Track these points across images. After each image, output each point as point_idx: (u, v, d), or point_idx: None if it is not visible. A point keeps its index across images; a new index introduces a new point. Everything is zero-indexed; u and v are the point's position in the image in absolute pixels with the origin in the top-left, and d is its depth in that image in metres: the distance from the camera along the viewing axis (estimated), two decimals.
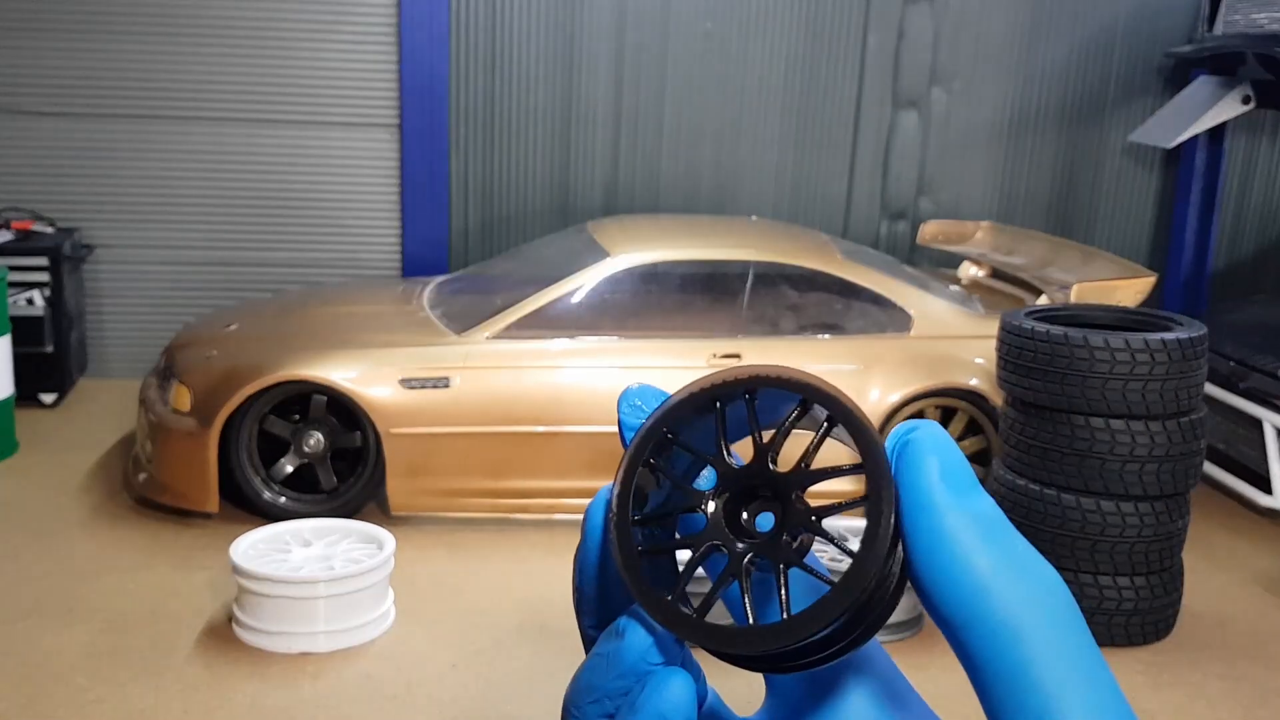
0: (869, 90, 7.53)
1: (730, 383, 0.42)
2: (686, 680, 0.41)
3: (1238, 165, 7.92)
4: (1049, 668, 0.38)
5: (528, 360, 5.15)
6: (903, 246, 7.66)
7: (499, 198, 7.36)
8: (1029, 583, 0.39)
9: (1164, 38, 7.66)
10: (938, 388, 5.28)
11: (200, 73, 6.97)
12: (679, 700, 0.41)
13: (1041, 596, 0.39)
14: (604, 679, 0.43)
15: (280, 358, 5.07)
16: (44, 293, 6.48)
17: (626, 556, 0.42)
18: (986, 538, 0.39)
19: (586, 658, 0.44)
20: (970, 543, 0.39)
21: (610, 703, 0.43)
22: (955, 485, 0.40)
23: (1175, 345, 4.22)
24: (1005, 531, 0.40)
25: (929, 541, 0.40)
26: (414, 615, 4.40)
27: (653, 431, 0.43)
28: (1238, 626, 4.65)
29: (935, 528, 0.39)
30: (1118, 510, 4.29)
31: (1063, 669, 0.38)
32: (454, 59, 7.13)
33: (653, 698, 0.41)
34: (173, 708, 3.76)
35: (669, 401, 0.44)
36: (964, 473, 0.41)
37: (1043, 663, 0.38)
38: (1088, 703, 0.38)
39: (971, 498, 0.40)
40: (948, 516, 0.39)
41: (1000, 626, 0.38)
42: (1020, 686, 0.38)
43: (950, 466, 0.40)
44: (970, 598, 0.39)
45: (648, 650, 0.42)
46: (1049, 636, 0.38)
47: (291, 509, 5.08)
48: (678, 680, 0.41)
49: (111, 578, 4.61)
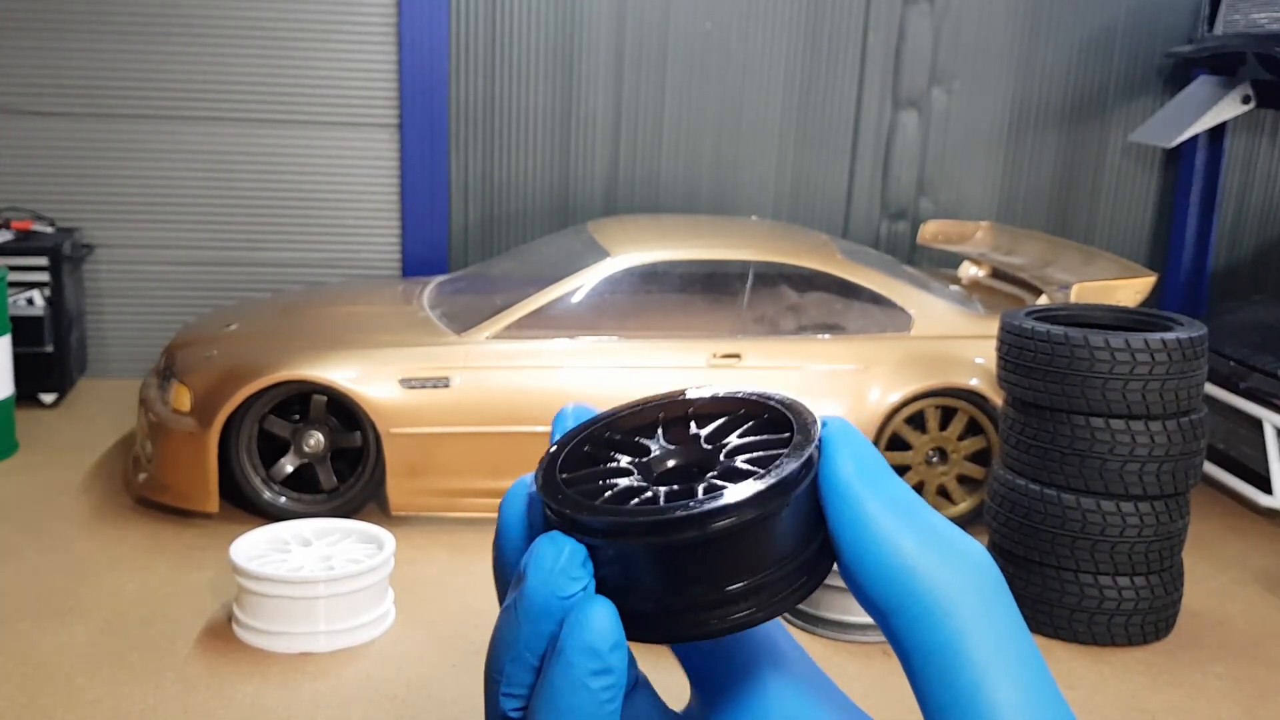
0: (869, 90, 7.53)
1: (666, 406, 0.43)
2: (608, 606, 0.39)
3: (1238, 165, 7.92)
4: (978, 644, 0.38)
5: (528, 360, 5.15)
6: (903, 246, 7.66)
7: (499, 197, 7.36)
8: (955, 560, 0.39)
9: (1164, 37, 7.67)
10: (938, 387, 5.28)
11: (200, 73, 6.97)
12: (604, 627, 0.38)
13: (968, 573, 0.39)
14: (517, 630, 0.40)
15: (280, 358, 5.07)
16: (44, 293, 6.48)
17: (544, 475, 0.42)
18: (908, 520, 0.40)
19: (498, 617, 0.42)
20: (893, 526, 0.39)
21: (531, 655, 0.40)
22: (870, 473, 0.40)
23: (1175, 345, 4.22)
24: (926, 512, 0.40)
25: (853, 530, 0.40)
26: (414, 615, 4.40)
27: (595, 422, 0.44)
28: (1238, 626, 4.65)
29: (857, 515, 0.40)
30: (1118, 510, 4.29)
31: (991, 644, 0.38)
32: (454, 59, 7.13)
33: (575, 632, 0.38)
34: (173, 708, 3.76)
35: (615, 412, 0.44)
36: (877, 461, 0.41)
37: (972, 639, 0.38)
38: (1018, 679, 0.38)
39: (887, 484, 0.40)
40: (868, 503, 0.40)
41: (930, 606, 0.38)
42: (950, 664, 0.38)
43: (862, 456, 0.41)
44: (898, 580, 0.39)
45: (554, 580, 0.39)
46: (977, 613, 0.38)
47: (291, 509, 5.08)
48: (598, 606, 0.38)
49: (111, 578, 4.62)
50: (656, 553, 0.39)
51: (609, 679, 0.38)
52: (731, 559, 0.39)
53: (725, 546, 0.39)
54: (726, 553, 0.39)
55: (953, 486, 5.41)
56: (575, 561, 0.40)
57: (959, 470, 5.39)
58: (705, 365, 5.23)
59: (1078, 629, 4.40)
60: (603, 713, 0.38)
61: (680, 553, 0.39)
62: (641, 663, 0.46)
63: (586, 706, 0.38)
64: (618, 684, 0.38)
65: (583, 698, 0.38)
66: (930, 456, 5.38)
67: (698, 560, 0.39)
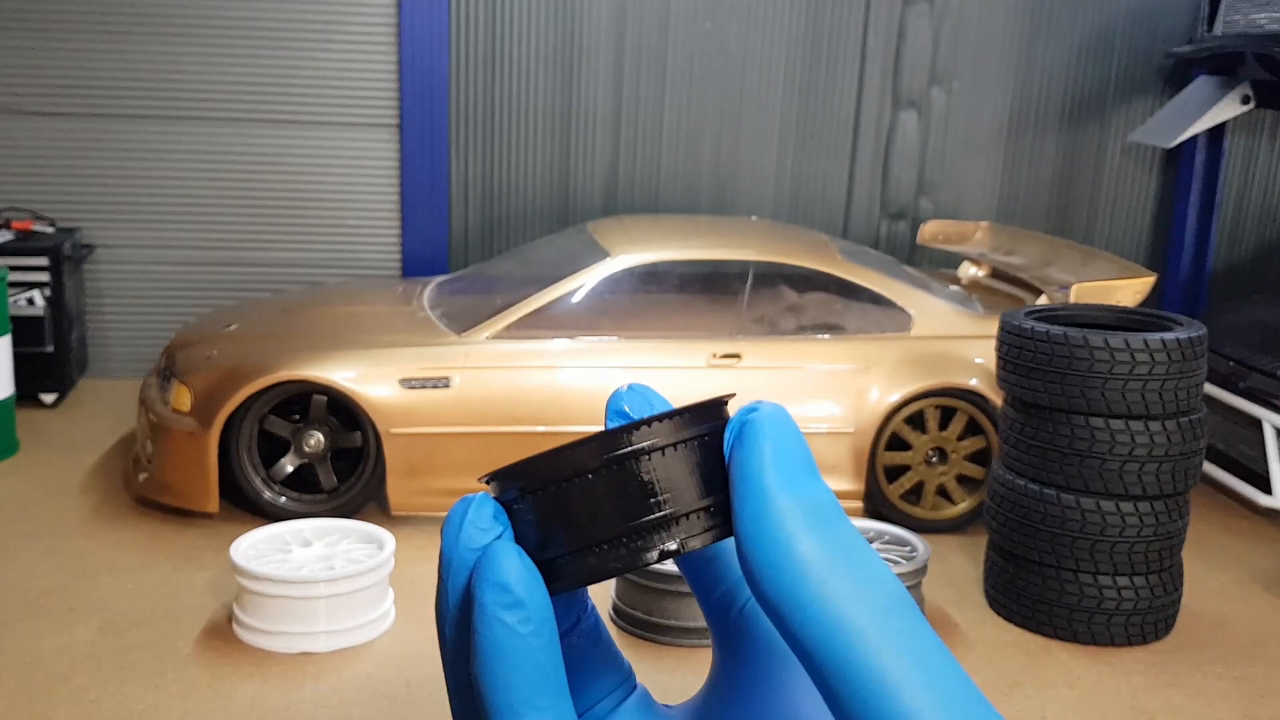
0: (869, 90, 7.53)
1: None
2: (512, 545, 0.39)
3: (1237, 165, 7.92)
4: (874, 654, 0.36)
5: (528, 360, 5.16)
6: (903, 247, 7.67)
7: (499, 198, 7.36)
8: (851, 570, 0.38)
9: (1164, 38, 7.67)
10: (937, 387, 5.29)
11: (201, 73, 6.97)
12: (509, 563, 0.38)
13: (864, 586, 0.37)
14: (442, 592, 0.40)
15: (280, 358, 5.07)
16: (44, 293, 6.49)
17: None
18: (812, 524, 0.38)
19: None
20: (794, 528, 0.38)
21: (457, 611, 0.40)
22: (788, 470, 0.39)
23: (1175, 345, 4.22)
24: (835, 520, 0.39)
25: (753, 524, 0.38)
26: (414, 615, 4.41)
27: None
28: (1237, 626, 4.66)
29: (761, 511, 0.38)
30: (1117, 510, 4.30)
31: (890, 654, 0.36)
32: (454, 59, 7.14)
33: (482, 573, 0.38)
34: (173, 707, 3.76)
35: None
36: (801, 457, 0.40)
37: (867, 649, 0.36)
38: (924, 684, 0.36)
39: (804, 484, 0.39)
40: (775, 500, 0.38)
41: (818, 613, 0.37)
42: (848, 675, 0.36)
43: (785, 450, 0.39)
44: (789, 582, 0.37)
45: (466, 534, 0.40)
46: (873, 625, 0.37)
47: (292, 509, 5.09)
48: (502, 546, 0.39)
49: (112, 577, 4.62)
50: (562, 490, 0.40)
51: (522, 612, 0.38)
52: (625, 493, 0.40)
53: (614, 478, 0.40)
54: (622, 486, 0.40)
55: (952, 486, 5.41)
56: (484, 513, 0.40)
57: (959, 470, 5.40)
58: (705, 365, 5.23)
59: (1077, 629, 4.41)
60: (527, 648, 0.38)
61: (580, 487, 0.40)
62: (642, 665, 0.46)
63: (507, 643, 0.38)
64: (535, 618, 0.38)
65: (499, 633, 0.38)
66: (930, 456, 5.39)
67: (597, 494, 0.40)
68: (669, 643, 4.20)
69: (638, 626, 4.28)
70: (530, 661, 0.38)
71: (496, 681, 0.38)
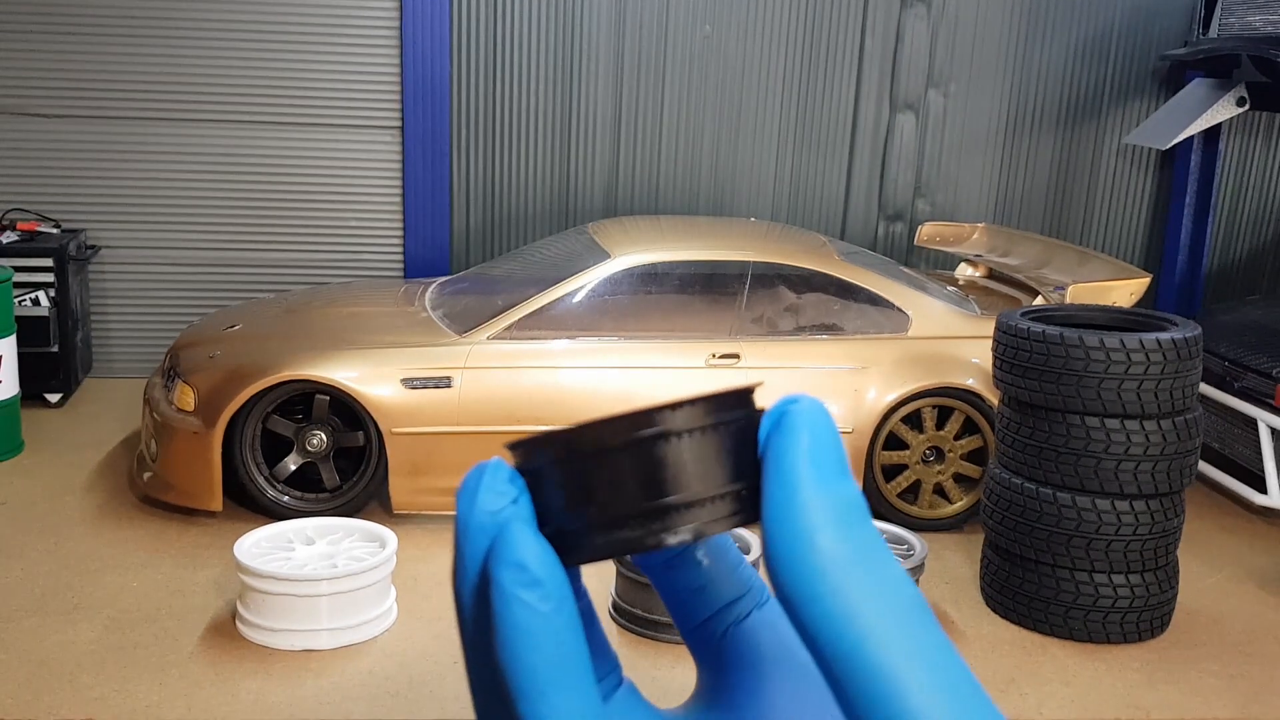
0: (866, 93, 7.57)
1: None
2: (528, 523, 0.39)
3: (1232, 167, 7.96)
4: (886, 652, 0.36)
5: (528, 360, 5.19)
6: (900, 248, 7.71)
7: (500, 199, 7.40)
8: (871, 570, 0.38)
9: (1159, 40, 7.71)
10: (934, 387, 5.33)
11: (204, 75, 7.01)
12: (525, 541, 0.38)
13: (882, 586, 0.38)
14: (459, 557, 0.40)
15: (283, 358, 5.11)
16: (49, 293, 6.52)
17: None
18: (838, 521, 0.38)
19: None
20: (820, 522, 0.38)
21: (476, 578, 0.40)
22: (823, 464, 0.39)
23: (1170, 345, 4.26)
24: (861, 520, 0.39)
25: (780, 513, 0.39)
26: (416, 613, 4.44)
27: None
28: (1233, 624, 4.69)
29: (789, 501, 0.39)
30: (1113, 509, 4.33)
31: (901, 654, 0.36)
32: (455, 62, 7.18)
33: (498, 552, 0.38)
34: (177, 705, 3.80)
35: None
36: (836, 455, 0.40)
37: (879, 647, 0.37)
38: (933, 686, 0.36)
39: (836, 480, 0.39)
40: (803, 491, 0.39)
41: (834, 607, 0.37)
42: (858, 670, 0.37)
43: (822, 445, 0.39)
44: (809, 574, 0.38)
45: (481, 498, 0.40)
46: (887, 624, 0.37)
47: (295, 508, 5.12)
48: (517, 524, 0.39)
49: (116, 576, 4.66)
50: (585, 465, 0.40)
51: (541, 590, 0.38)
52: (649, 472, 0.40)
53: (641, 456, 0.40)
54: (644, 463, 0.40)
55: (949, 485, 5.45)
56: (499, 477, 0.40)
57: (955, 469, 5.44)
58: (704, 365, 5.27)
59: (1073, 626, 4.44)
60: (550, 626, 0.38)
61: (603, 463, 0.40)
62: (642, 662, 0.48)
63: (527, 622, 0.38)
64: (554, 595, 0.38)
65: (519, 612, 0.38)
66: (927, 455, 5.42)
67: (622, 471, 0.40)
68: (668, 640, 4.24)
69: (637, 624, 4.32)
70: (553, 640, 0.38)
71: (519, 663, 0.38)
